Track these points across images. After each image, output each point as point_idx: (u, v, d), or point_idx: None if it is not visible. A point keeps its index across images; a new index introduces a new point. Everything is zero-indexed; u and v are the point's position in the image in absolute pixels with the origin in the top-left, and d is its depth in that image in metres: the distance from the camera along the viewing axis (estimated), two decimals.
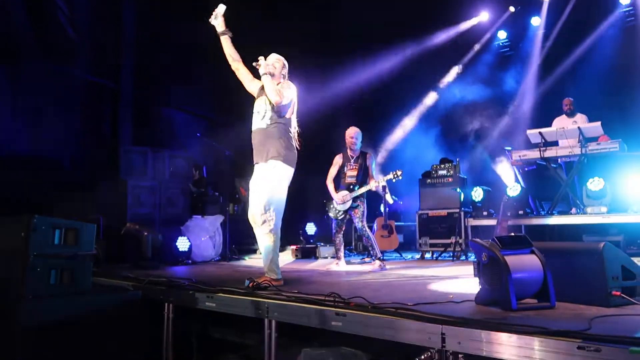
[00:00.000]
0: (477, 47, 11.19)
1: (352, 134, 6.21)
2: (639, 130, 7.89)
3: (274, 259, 4.29)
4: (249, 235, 9.63)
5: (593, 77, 8.98)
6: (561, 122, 7.74)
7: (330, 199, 6.27)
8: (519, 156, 7.34)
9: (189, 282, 4.30)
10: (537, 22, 10.52)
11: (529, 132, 7.28)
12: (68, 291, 3.68)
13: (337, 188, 6.23)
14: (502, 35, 11.11)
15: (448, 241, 7.48)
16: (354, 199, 6.07)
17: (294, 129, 4.51)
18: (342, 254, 6.29)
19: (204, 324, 4.24)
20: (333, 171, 6.31)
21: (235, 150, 8.38)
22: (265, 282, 3.99)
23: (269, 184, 4.25)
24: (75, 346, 3.53)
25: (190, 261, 7.14)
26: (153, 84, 10.94)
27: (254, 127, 4.45)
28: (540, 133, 7.09)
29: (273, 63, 4.47)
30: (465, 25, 11.10)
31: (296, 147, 4.48)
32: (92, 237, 3.93)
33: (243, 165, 10.27)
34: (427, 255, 7.82)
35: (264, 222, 4.22)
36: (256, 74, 4.49)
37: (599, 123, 6.79)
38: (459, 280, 4.65)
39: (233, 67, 4.57)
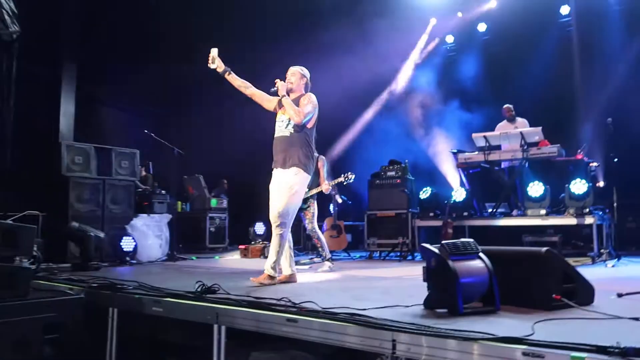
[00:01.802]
0: (425, 50, 11.46)
1: None
2: (576, 136, 8.30)
3: (277, 259, 4.52)
4: (197, 235, 9.55)
5: (534, 83, 9.34)
6: (504, 128, 8.01)
7: None
8: (464, 159, 7.56)
9: (134, 285, 4.17)
10: (483, 27, 10.85)
11: (474, 135, 7.51)
12: (5, 296, 3.50)
13: None
14: (449, 39, 11.40)
15: (395, 241, 7.61)
16: (304, 200, 6.06)
17: (314, 137, 4.78)
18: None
19: (150, 327, 4.13)
20: None
21: (184, 148, 8.22)
22: (262, 280, 4.38)
23: (290, 191, 4.50)
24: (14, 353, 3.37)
25: (135, 261, 6.96)
26: (98, 77, 10.56)
27: (277, 134, 4.66)
28: (485, 137, 7.32)
29: (289, 79, 4.70)
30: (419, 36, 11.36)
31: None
32: (32, 239, 3.76)
33: (191, 163, 10.11)
34: (375, 255, 7.94)
35: (279, 225, 4.48)
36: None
37: (539, 128, 7.08)
38: (407, 282, 4.75)
39: (248, 94, 4.74)
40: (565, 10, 9.90)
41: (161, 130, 8.37)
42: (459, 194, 7.54)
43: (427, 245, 3.22)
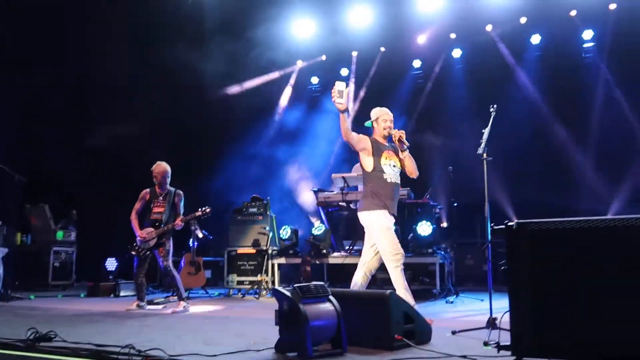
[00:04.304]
0: (290, 90, 11.85)
1: (160, 171, 5.97)
2: (423, 181, 8.99)
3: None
4: (39, 270, 8.66)
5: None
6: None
7: (133, 235, 5.93)
8: (324, 198, 7.83)
9: None
10: (345, 72, 11.48)
11: (333, 176, 7.82)
12: None
13: (142, 224, 5.92)
14: (315, 80, 11.89)
15: (255, 278, 7.58)
16: (159, 237, 5.82)
17: None
18: (144, 294, 5.96)
19: None
20: (138, 206, 5.99)
21: (28, 174, 7.50)
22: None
23: None
24: None
25: None
26: None
27: (393, 180, 4.64)
28: (343, 177, 7.66)
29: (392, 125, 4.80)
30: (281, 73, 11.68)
31: None
32: None
33: (36, 191, 9.20)
34: (235, 292, 7.83)
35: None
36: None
37: None
38: (262, 323, 4.71)
39: (345, 137, 4.50)
40: (417, 63, 10.86)
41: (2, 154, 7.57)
42: (317, 230, 7.76)
43: (280, 289, 3.27)
